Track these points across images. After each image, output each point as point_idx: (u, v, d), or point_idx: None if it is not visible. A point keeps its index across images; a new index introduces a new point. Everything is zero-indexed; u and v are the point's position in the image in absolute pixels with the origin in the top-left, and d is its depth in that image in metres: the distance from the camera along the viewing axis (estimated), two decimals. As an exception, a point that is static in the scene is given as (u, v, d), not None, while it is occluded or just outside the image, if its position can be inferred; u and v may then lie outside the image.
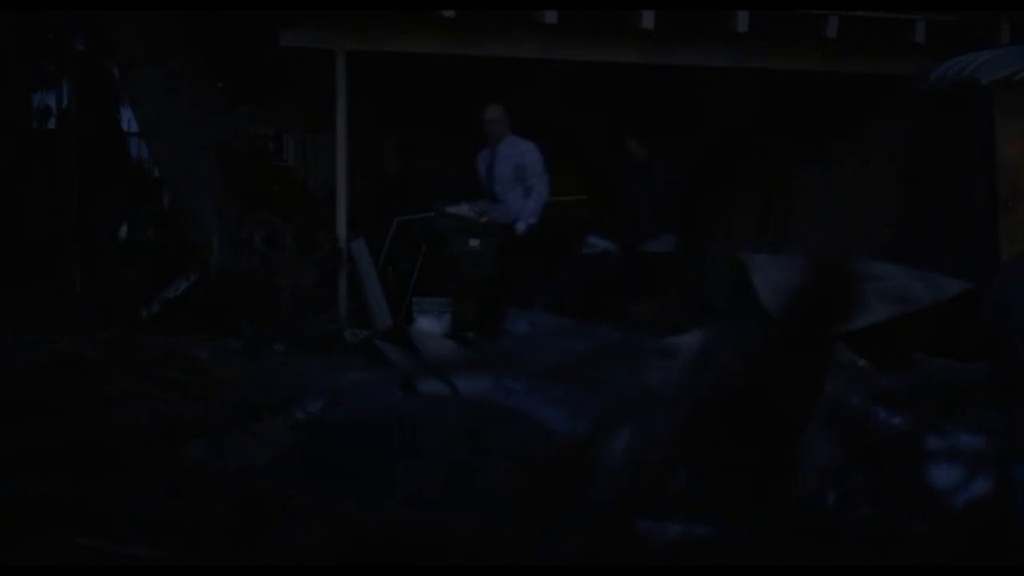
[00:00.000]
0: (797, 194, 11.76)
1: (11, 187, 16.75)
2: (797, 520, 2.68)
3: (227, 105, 11.11)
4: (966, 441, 2.83)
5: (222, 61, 11.08)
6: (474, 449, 2.34)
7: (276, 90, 12.78)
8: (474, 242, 10.52)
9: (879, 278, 5.74)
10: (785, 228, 11.57)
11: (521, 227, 10.36)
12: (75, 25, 14.38)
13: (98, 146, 14.35)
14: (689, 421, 2.61)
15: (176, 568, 2.13)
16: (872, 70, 10.60)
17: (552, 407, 2.91)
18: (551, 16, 10.03)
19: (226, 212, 10.06)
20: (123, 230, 12.32)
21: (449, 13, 9.87)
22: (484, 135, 10.73)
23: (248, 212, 9.92)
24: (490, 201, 10.55)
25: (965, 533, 2.52)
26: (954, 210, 8.75)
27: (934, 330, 6.26)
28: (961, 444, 2.81)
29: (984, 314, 6.55)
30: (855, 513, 2.57)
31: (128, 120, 16.63)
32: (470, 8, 9.82)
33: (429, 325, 9.81)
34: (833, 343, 3.08)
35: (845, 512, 2.57)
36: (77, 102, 13.56)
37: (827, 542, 2.57)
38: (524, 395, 2.94)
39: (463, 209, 10.63)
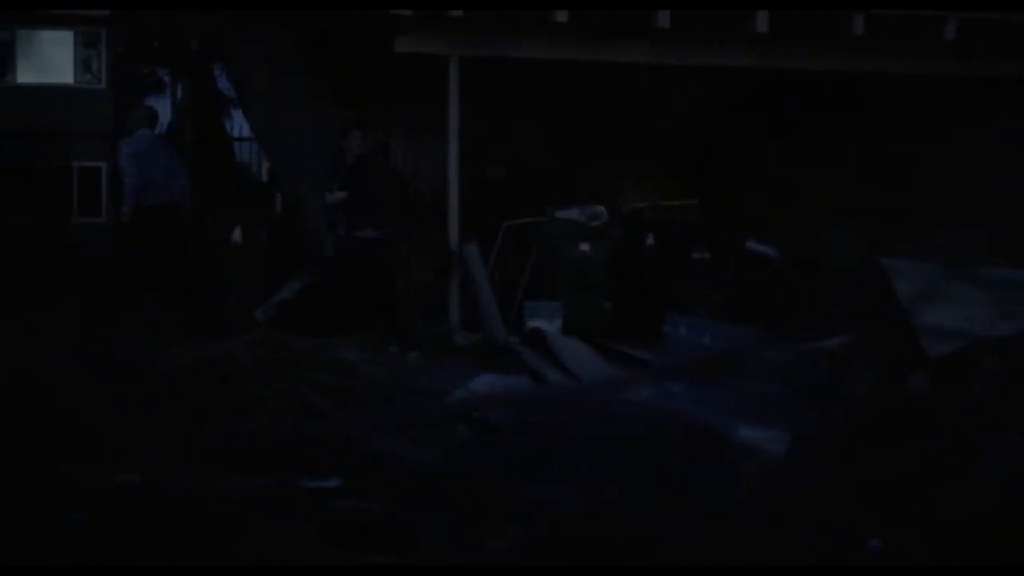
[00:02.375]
0: (916, 196, 11.57)
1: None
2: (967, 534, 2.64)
3: (344, 109, 11.26)
4: None
5: (335, 67, 11.23)
6: (669, 454, 2.34)
7: (384, 94, 12.91)
8: (585, 246, 10.52)
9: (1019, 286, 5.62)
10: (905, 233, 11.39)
11: None
12: (188, 32, 14.72)
13: (207, 151, 14.66)
14: (845, 430, 2.59)
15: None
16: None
17: (710, 409, 2.91)
18: (663, 19, 9.99)
19: (341, 215, 10.18)
20: (236, 233, 12.52)
21: (562, 17, 9.88)
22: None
23: (363, 216, 10.03)
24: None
25: None
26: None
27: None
28: None
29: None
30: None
31: (235, 126, 17.03)
32: (583, 9, 9.81)
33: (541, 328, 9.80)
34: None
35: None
36: (194, 106, 13.87)
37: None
38: (684, 398, 2.95)
39: (574, 213, 10.64)
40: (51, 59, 20.32)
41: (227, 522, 2.14)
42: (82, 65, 20.65)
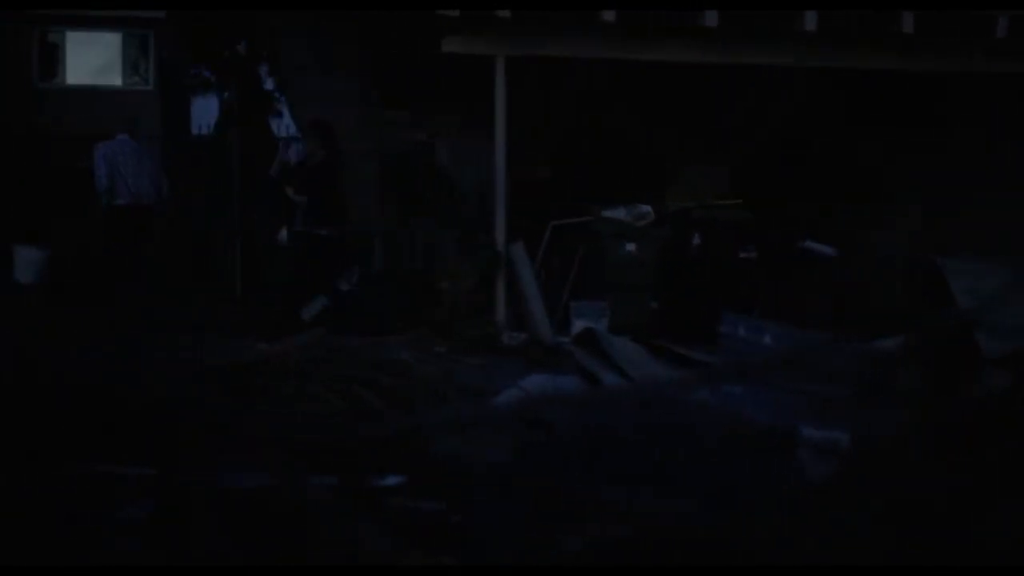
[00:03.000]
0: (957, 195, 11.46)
1: (175, 191, 17.29)
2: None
3: (386, 110, 11.30)
4: None
5: (382, 67, 11.27)
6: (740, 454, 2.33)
7: (429, 94, 12.95)
8: (631, 246, 10.50)
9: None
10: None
11: None
12: (237, 34, 14.82)
13: (253, 151, 14.75)
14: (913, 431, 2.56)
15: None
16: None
17: (774, 410, 2.89)
18: (711, 18, 9.95)
19: (388, 215, 10.22)
20: (283, 233, 12.59)
21: (609, 16, 9.86)
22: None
23: (410, 215, 10.06)
24: None
25: None
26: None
27: None
28: None
29: None
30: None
31: (281, 126, 17.12)
32: (631, 9, 9.79)
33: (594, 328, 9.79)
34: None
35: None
36: (242, 107, 13.98)
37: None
38: (745, 399, 2.93)
39: (620, 213, 10.62)
40: (100, 61, 20.56)
41: (295, 521, 2.15)
42: (130, 67, 20.88)
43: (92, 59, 20.72)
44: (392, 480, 2.34)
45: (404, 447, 2.49)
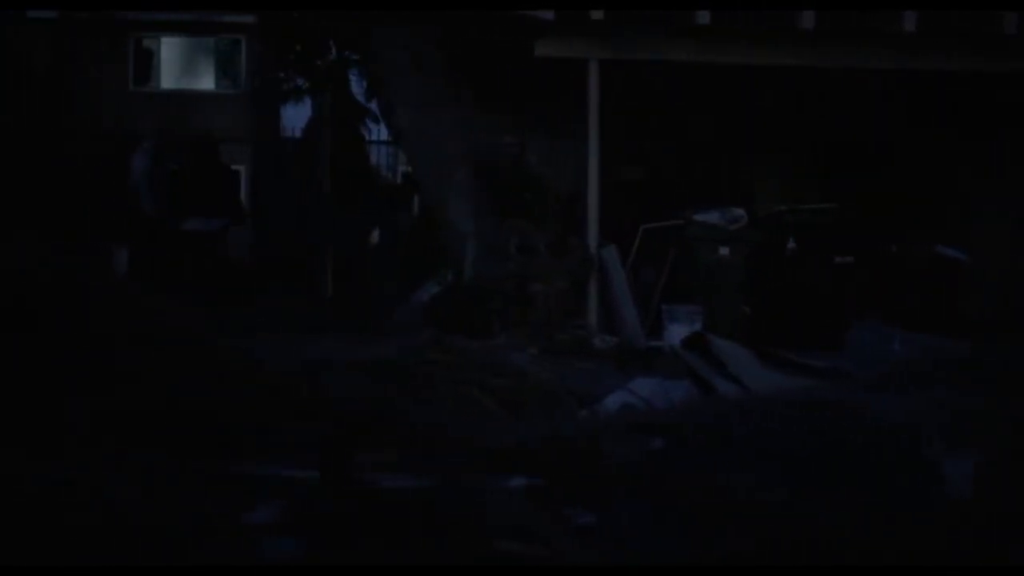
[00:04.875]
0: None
1: (266, 194, 17.54)
2: None
3: (480, 114, 11.33)
4: None
5: (474, 70, 11.30)
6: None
7: (521, 96, 12.96)
8: (724, 249, 10.42)
9: None
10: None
11: None
12: (328, 38, 14.97)
13: (344, 156, 14.90)
14: None
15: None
16: None
17: (910, 417, 2.85)
18: (808, 19, 9.84)
19: (481, 218, 10.25)
20: (374, 236, 12.72)
21: (704, 19, 9.80)
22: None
23: (503, 218, 10.08)
24: None
25: None
26: None
27: None
28: None
29: None
30: None
31: (371, 130, 17.26)
32: (726, 11, 9.72)
33: (680, 332, 9.73)
34: None
35: None
36: (332, 112, 14.13)
37: None
38: (879, 406, 2.89)
39: (713, 216, 10.54)
40: (193, 65, 20.94)
41: (465, 523, 2.17)
42: (222, 71, 21.23)
43: (186, 64, 21.10)
44: (533, 481, 2.35)
45: (541, 449, 2.50)
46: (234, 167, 20.03)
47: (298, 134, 17.35)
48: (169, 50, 21.16)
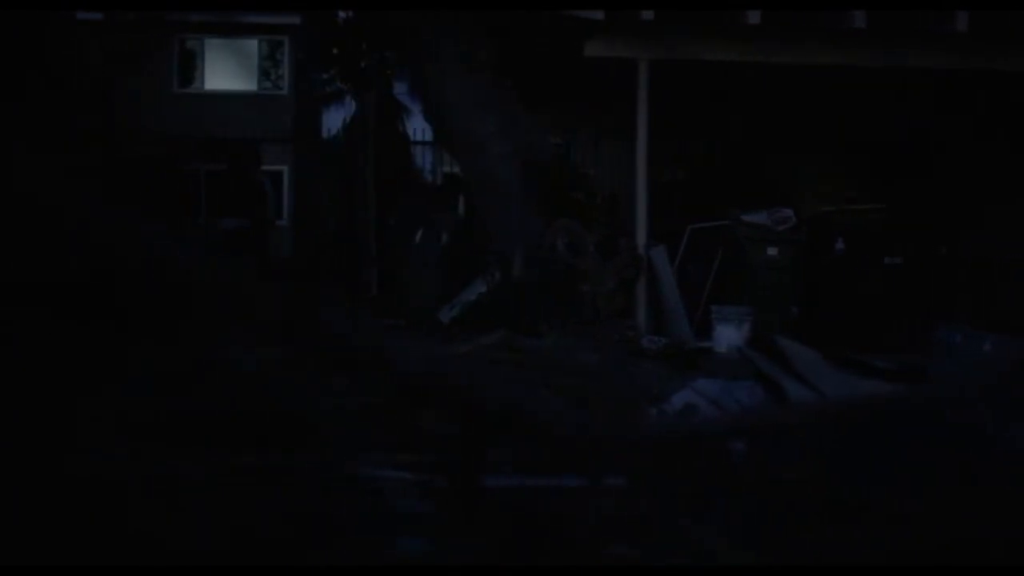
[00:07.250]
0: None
1: (308, 193, 17.60)
2: None
3: (529, 114, 11.33)
4: None
5: (521, 70, 11.31)
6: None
7: (568, 97, 12.96)
8: (772, 250, 10.38)
9: None
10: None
11: None
12: (372, 38, 15.02)
13: (386, 156, 14.93)
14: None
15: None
16: None
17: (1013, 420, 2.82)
18: (860, 19, 9.79)
19: (529, 218, 10.24)
20: (419, 234, 12.71)
21: (754, 18, 9.77)
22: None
23: (551, 218, 10.08)
24: None
25: None
26: None
27: None
28: None
29: None
30: None
31: (413, 130, 17.28)
32: (776, 10, 9.68)
33: (728, 334, 9.71)
34: None
35: None
36: (374, 112, 14.16)
37: None
38: (972, 409, 2.86)
39: (760, 217, 10.51)
40: (236, 67, 21.05)
41: (544, 522, 2.17)
42: (265, 72, 21.34)
43: (229, 65, 21.22)
44: (616, 481, 2.35)
45: (623, 448, 2.49)
46: (278, 167, 20.17)
47: (341, 134, 17.41)
48: (213, 51, 21.30)
